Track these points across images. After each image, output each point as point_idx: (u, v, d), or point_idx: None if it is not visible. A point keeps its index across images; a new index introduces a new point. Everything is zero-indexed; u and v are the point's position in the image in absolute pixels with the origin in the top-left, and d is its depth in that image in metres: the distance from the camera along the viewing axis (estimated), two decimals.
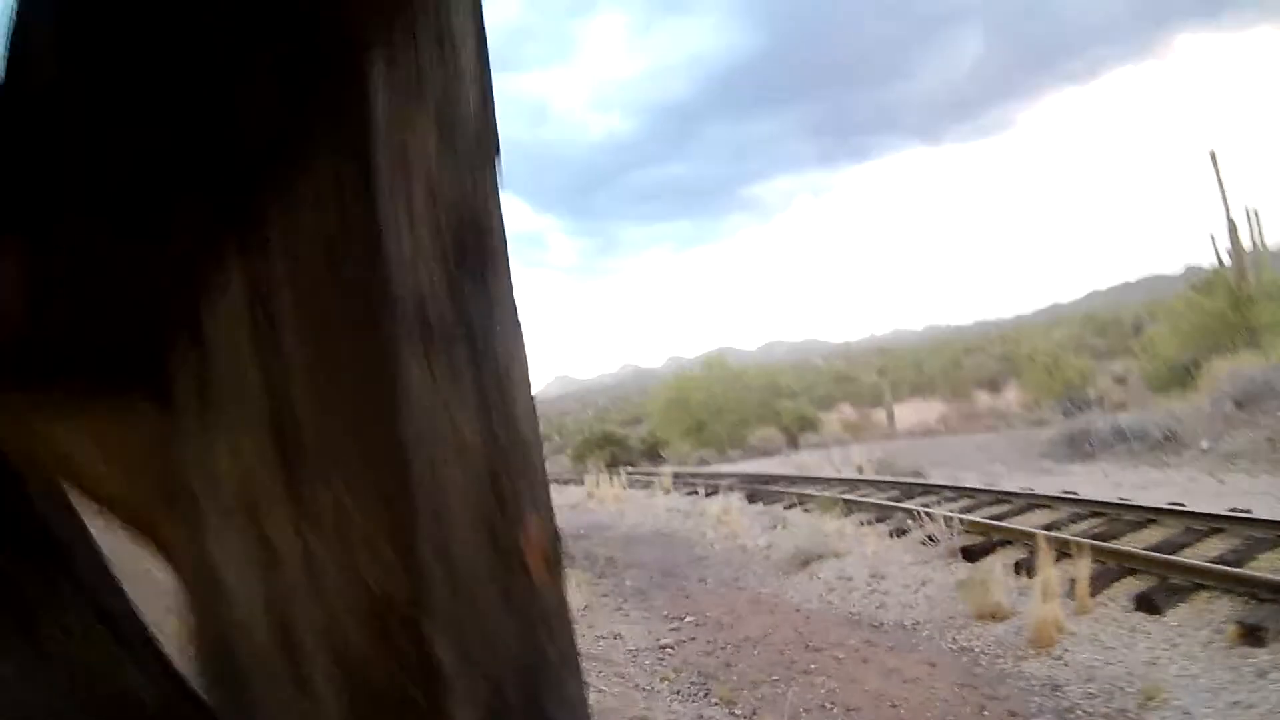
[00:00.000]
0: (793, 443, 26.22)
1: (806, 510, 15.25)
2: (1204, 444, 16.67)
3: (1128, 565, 9.65)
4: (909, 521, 13.24)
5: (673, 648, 10.18)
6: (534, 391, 0.75)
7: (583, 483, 23.02)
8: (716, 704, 8.29)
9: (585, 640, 10.02)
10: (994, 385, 39.28)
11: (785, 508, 15.86)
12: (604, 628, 10.75)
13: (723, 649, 9.94)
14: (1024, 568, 10.30)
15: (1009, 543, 11.19)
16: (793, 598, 11.70)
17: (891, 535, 13.31)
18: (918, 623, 9.96)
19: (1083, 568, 9.28)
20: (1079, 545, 9.48)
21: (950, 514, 12.22)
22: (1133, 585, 9.37)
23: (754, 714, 8.00)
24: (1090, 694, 7.55)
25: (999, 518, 12.43)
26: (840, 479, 17.92)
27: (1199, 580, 8.82)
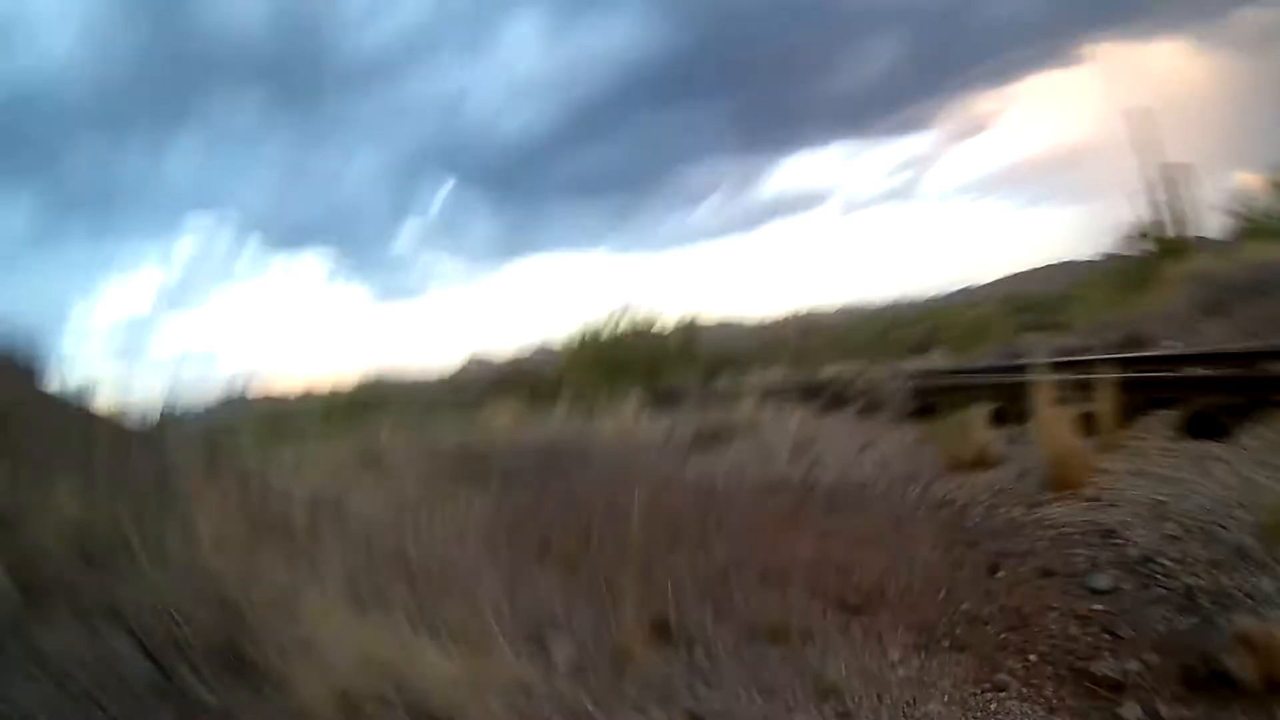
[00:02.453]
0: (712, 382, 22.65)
1: (717, 404, 11.52)
2: (1171, 345, 13.24)
3: (1163, 395, 6.11)
4: (842, 396, 9.63)
5: (514, 516, 6.42)
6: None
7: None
8: (554, 566, 4.64)
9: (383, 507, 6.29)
10: (922, 350, 35.67)
11: (693, 407, 12.12)
12: (450, 509, 6.94)
13: (586, 521, 6.19)
14: (1009, 416, 6.69)
15: (977, 400, 7.48)
16: (694, 472, 7.99)
17: (822, 411, 9.68)
18: (865, 483, 6.35)
19: (1104, 401, 5.75)
20: (1089, 385, 5.90)
21: (895, 381, 8.53)
22: (1172, 416, 5.82)
23: (611, 575, 4.31)
24: (1172, 535, 4.14)
25: (962, 380, 8.76)
26: (760, 386, 14.17)
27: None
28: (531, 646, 2.99)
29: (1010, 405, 6.86)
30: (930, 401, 7.88)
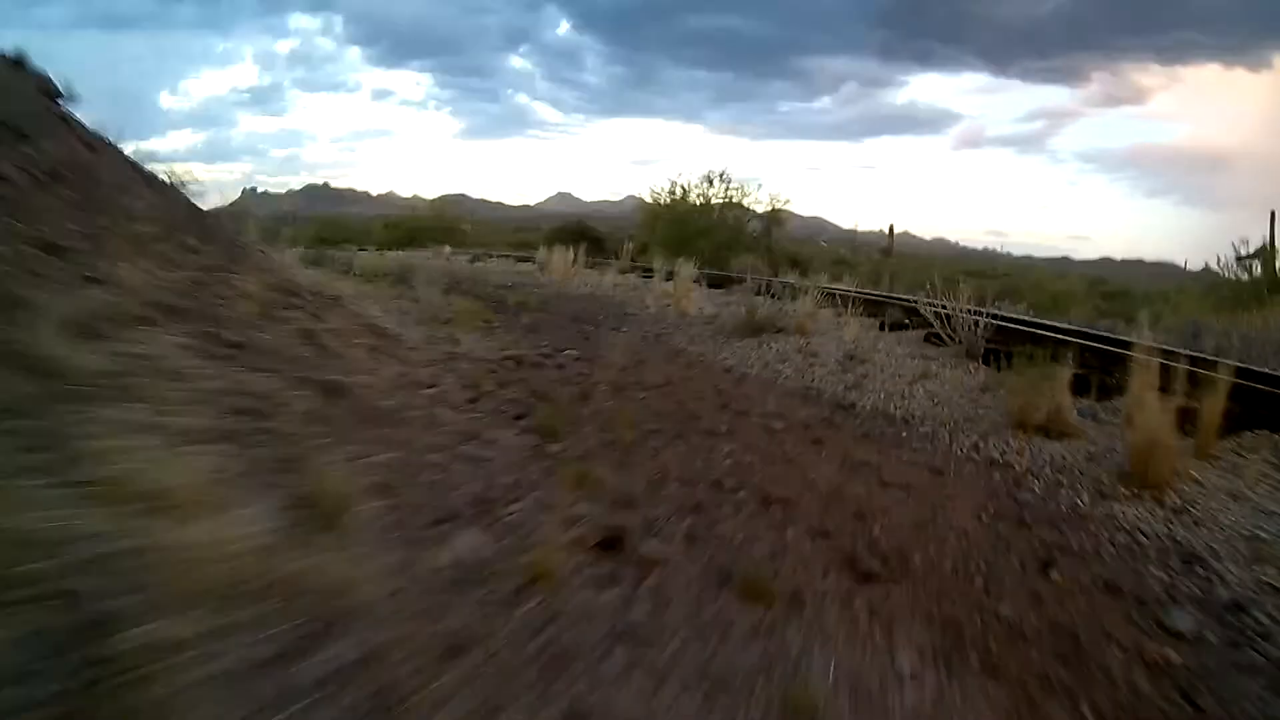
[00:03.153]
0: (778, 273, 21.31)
1: (775, 297, 10.42)
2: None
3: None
4: (909, 319, 8.50)
5: (515, 363, 5.60)
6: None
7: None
8: (525, 430, 3.73)
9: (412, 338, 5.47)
10: (993, 302, 33.61)
11: (752, 292, 11.05)
12: (445, 340, 6.11)
13: (589, 384, 5.35)
14: (1093, 387, 5.56)
15: (1060, 359, 6.27)
16: (726, 360, 7.06)
17: (883, 328, 8.58)
18: (912, 416, 5.34)
19: (1212, 402, 4.57)
20: (1195, 379, 4.70)
21: (975, 315, 7.30)
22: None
23: (585, 456, 3.44)
24: (1272, 585, 3.16)
25: (1049, 334, 7.46)
26: (827, 289, 12.90)
27: None
28: (423, 536, 2.14)
29: (1097, 375, 5.74)
30: (1006, 347, 6.73)
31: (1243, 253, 20.37)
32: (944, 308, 7.50)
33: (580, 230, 27.05)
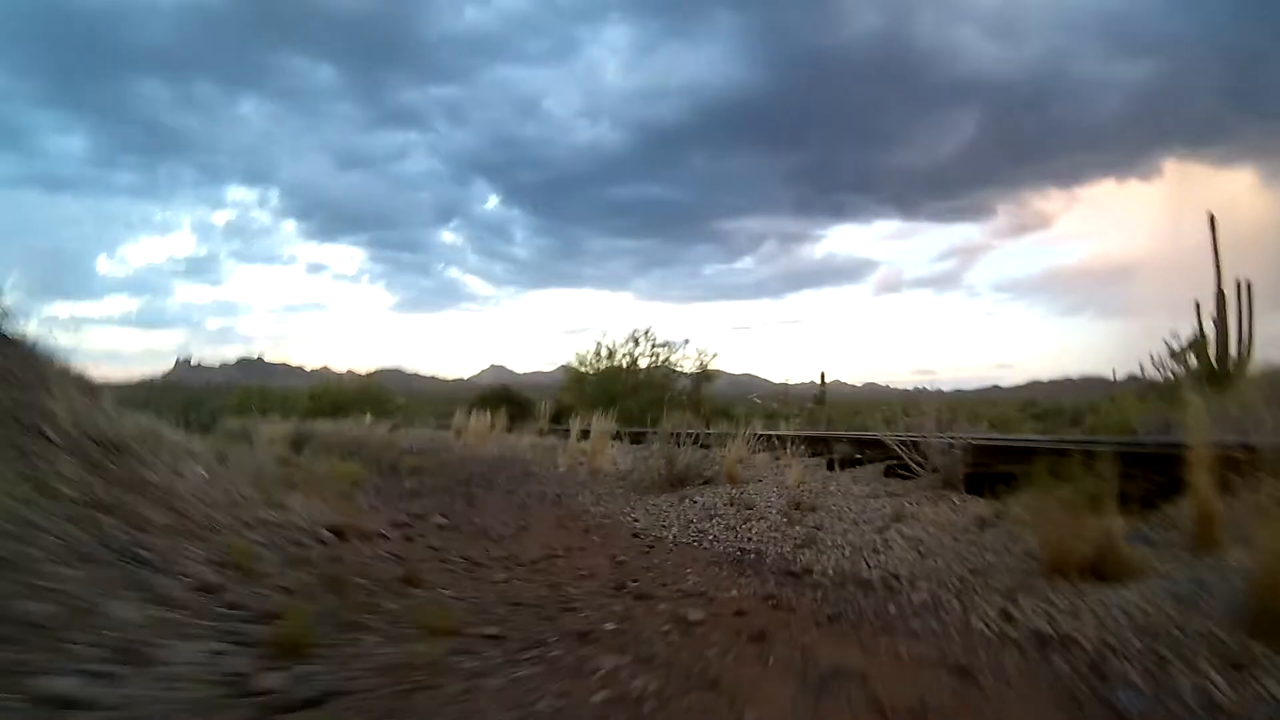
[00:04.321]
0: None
1: (702, 445, 8.77)
2: None
3: None
4: (860, 454, 6.95)
5: (339, 535, 3.85)
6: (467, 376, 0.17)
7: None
8: (248, 643, 1.89)
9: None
10: (949, 425, 33.00)
11: (675, 445, 9.37)
12: (264, 505, 4.32)
13: (433, 562, 3.58)
14: (1131, 501, 3.98)
15: (1075, 474, 4.61)
16: (635, 521, 5.36)
17: (832, 467, 6.99)
18: (895, 577, 3.63)
19: None
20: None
21: (946, 439, 5.77)
22: None
23: (322, 700, 1.60)
24: None
25: (1042, 446, 5.87)
26: (760, 433, 11.30)
27: None
28: None
29: (1135, 485, 4.15)
30: (995, 468, 5.17)
31: (1176, 348, 19.64)
32: (908, 432, 5.99)
33: (504, 395, 25.55)
